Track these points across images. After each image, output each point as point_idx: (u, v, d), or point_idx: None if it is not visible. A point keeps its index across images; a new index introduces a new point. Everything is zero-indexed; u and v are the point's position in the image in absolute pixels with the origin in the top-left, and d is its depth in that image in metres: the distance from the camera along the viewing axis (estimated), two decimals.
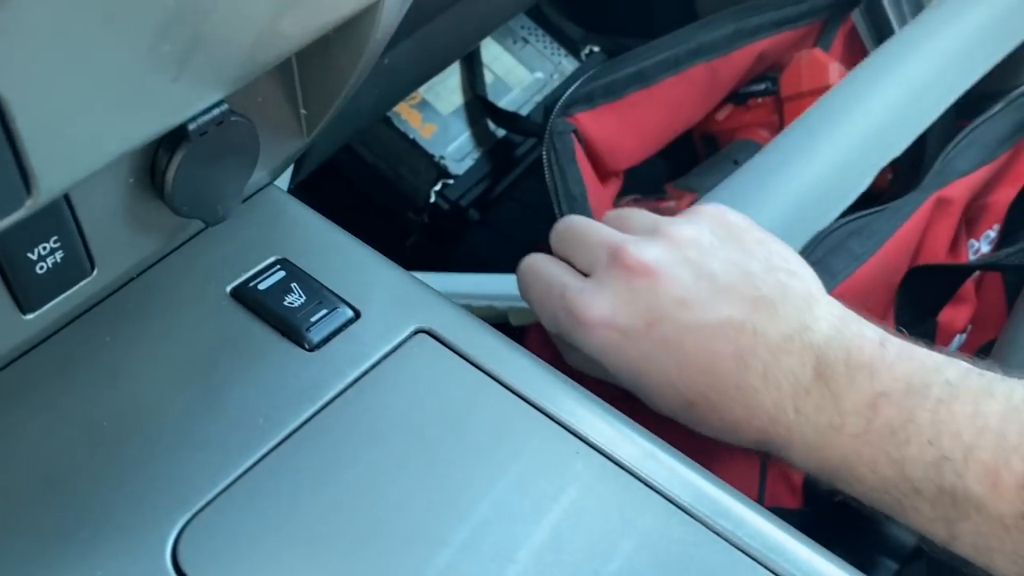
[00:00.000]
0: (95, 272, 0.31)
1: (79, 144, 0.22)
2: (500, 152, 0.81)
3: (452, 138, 0.80)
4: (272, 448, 0.31)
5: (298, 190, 0.79)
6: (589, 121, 0.68)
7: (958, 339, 0.67)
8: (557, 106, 0.66)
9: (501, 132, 0.82)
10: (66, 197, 0.28)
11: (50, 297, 0.30)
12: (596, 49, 0.87)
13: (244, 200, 0.38)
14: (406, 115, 0.80)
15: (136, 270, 0.34)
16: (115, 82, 0.22)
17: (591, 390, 0.35)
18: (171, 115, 0.25)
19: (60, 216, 0.28)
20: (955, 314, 0.66)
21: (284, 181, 0.51)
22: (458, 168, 0.79)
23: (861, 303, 0.60)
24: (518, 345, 0.36)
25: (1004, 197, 0.72)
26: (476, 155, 0.80)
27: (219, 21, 0.24)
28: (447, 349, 0.35)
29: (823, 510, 0.67)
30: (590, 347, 0.40)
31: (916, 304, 0.63)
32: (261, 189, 0.39)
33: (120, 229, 0.31)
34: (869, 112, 0.66)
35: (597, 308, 0.39)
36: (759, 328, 0.37)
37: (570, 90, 0.66)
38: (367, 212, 0.83)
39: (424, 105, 0.80)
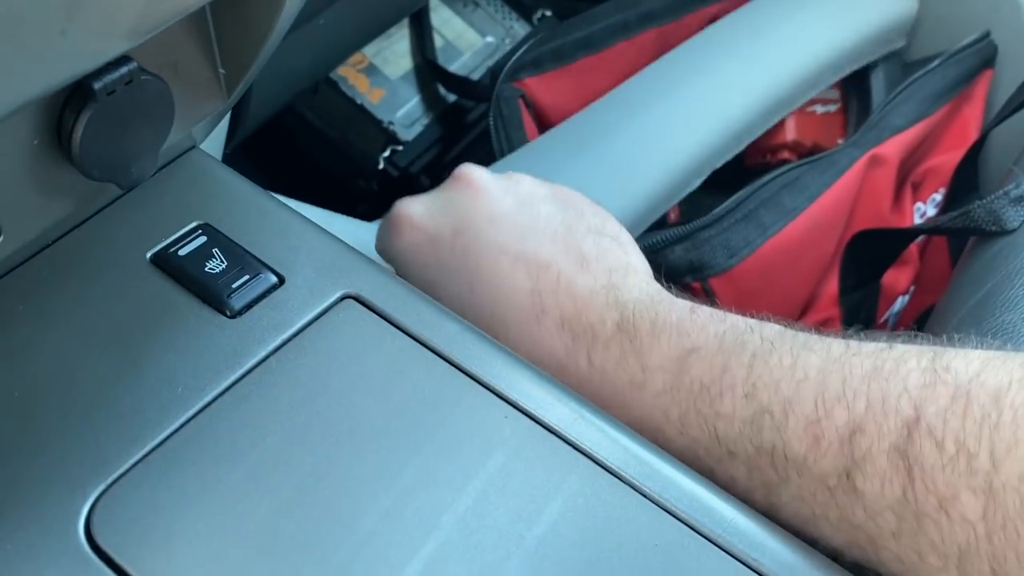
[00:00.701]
0: (1, 237, 0.30)
1: None
2: (451, 117, 0.80)
3: (401, 103, 0.79)
4: (191, 417, 0.30)
5: (246, 155, 0.78)
6: (538, 86, 0.68)
7: (900, 301, 0.68)
8: (504, 71, 0.65)
9: (452, 97, 0.80)
10: None
11: None
12: (548, 13, 0.86)
13: (166, 164, 0.37)
14: (353, 79, 0.78)
15: (49, 236, 0.33)
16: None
17: None
18: (61, 71, 0.24)
19: None
20: (898, 276, 0.67)
21: (218, 144, 0.50)
22: (407, 134, 0.78)
23: (793, 259, 0.61)
24: (448, 310, 0.35)
25: (950, 160, 0.72)
26: (426, 121, 0.79)
27: None
28: (374, 315, 0.34)
29: None
30: (396, 248, 0.39)
31: (860, 267, 0.64)
32: (185, 152, 0.38)
33: (27, 193, 0.30)
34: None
35: (411, 208, 0.39)
36: (565, 274, 0.36)
37: (517, 55, 0.66)
38: (318, 179, 0.81)
39: (372, 69, 0.79)
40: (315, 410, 0.31)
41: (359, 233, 0.51)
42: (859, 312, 0.66)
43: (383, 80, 0.79)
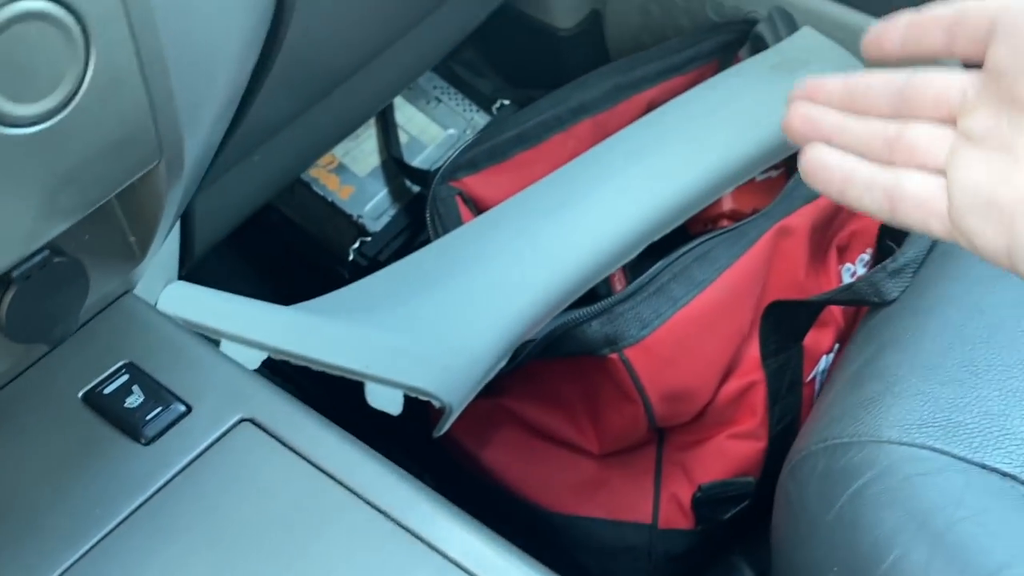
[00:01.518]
0: None
1: None
2: (416, 207, 0.87)
3: (369, 197, 0.86)
4: (105, 535, 0.37)
5: (234, 247, 0.86)
6: (476, 184, 0.74)
7: (825, 360, 0.72)
8: (439, 173, 0.72)
9: (417, 188, 0.88)
10: None
11: None
12: (507, 102, 0.93)
13: (102, 310, 0.44)
14: (324, 179, 0.86)
15: None
16: None
17: None
18: None
19: None
20: (820, 336, 0.71)
21: (171, 272, 0.57)
22: (375, 225, 0.85)
23: (706, 328, 0.66)
24: (341, 431, 0.41)
25: (874, 223, 0.77)
26: (393, 212, 0.86)
27: None
28: (266, 435, 0.41)
29: (713, 530, 0.72)
30: None
31: (779, 333, 0.69)
32: (119, 298, 0.45)
33: None
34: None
35: None
36: None
37: (450, 158, 0.72)
38: (298, 266, 0.89)
39: (341, 168, 0.86)
40: (211, 523, 0.38)
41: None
42: (784, 374, 0.70)
43: (352, 177, 0.86)
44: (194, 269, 0.61)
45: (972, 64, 0.32)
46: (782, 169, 0.84)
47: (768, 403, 0.70)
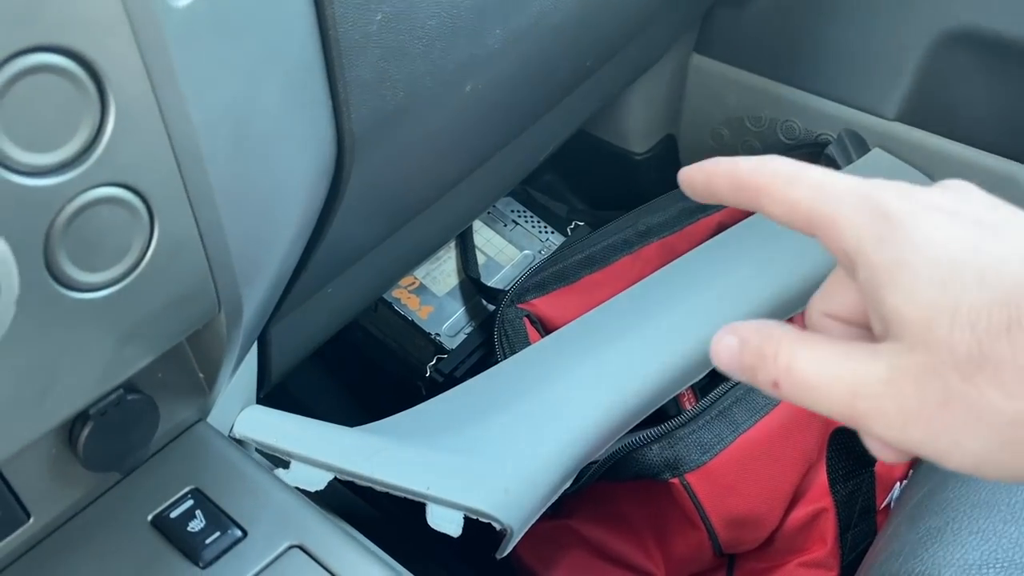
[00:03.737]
0: (31, 520, 0.41)
1: None
2: (492, 325, 0.90)
3: (447, 316, 0.90)
4: None
5: (319, 360, 0.90)
6: (544, 305, 0.77)
7: (899, 487, 0.70)
8: (507, 295, 0.75)
9: (493, 306, 0.91)
10: None
11: None
12: (581, 224, 0.96)
13: (175, 438, 0.48)
14: (405, 300, 0.90)
15: (74, 510, 0.44)
16: None
17: None
18: (41, 426, 0.35)
19: None
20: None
21: (248, 395, 0.61)
22: (452, 343, 0.88)
23: (769, 453, 0.65)
24: (386, 560, 0.44)
25: None
26: (469, 329, 0.89)
27: (67, 365, 0.34)
28: (315, 563, 0.43)
29: None
30: None
31: (848, 459, 0.67)
32: (191, 427, 0.49)
33: (50, 485, 0.41)
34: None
35: None
36: None
37: (519, 281, 0.75)
38: (381, 380, 0.93)
39: (422, 289, 0.91)
40: None
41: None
42: (855, 501, 0.68)
43: (431, 297, 0.90)
44: (279, 380, 0.65)
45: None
46: None
47: (839, 531, 0.68)
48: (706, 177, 0.35)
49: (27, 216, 0.30)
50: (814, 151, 0.87)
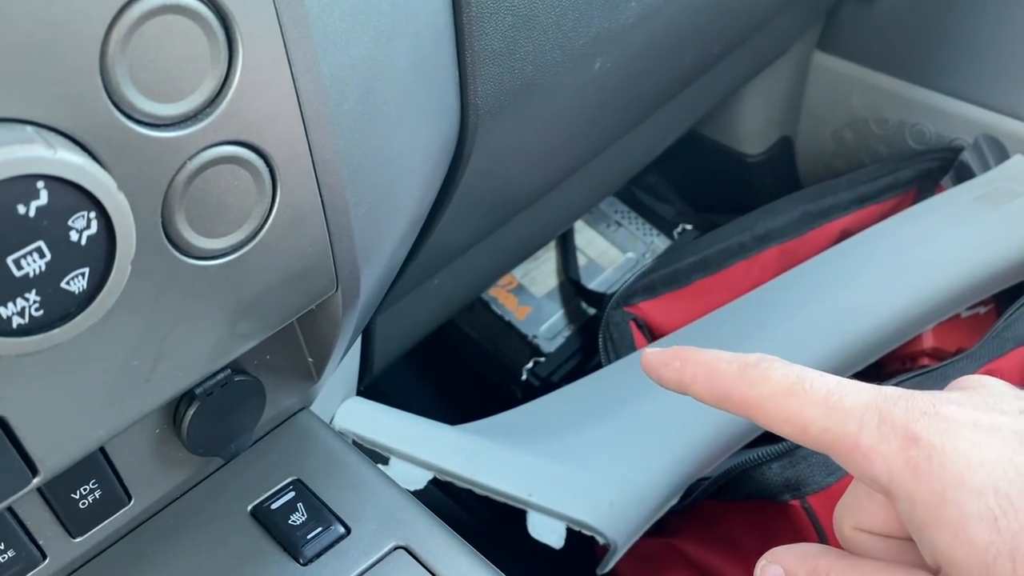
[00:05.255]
0: (132, 502, 0.39)
1: (70, 438, 0.31)
2: (591, 329, 0.87)
3: (545, 318, 0.87)
4: None
5: (414, 359, 0.88)
6: (652, 309, 0.73)
7: None
8: (614, 297, 0.71)
9: (592, 310, 0.87)
10: (102, 450, 0.37)
11: (93, 524, 0.38)
12: (689, 227, 0.92)
13: (277, 426, 0.46)
14: (503, 300, 0.87)
15: (173, 495, 0.42)
16: (95, 392, 0.30)
17: None
18: (148, 404, 0.33)
19: (97, 465, 0.37)
20: None
21: (350, 387, 0.59)
22: (550, 346, 0.85)
23: None
24: (489, 564, 0.40)
25: None
26: (568, 333, 0.86)
27: (177, 338, 0.31)
28: (420, 566, 0.40)
29: None
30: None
31: None
32: (294, 415, 0.46)
33: (152, 468, 0.39)
34: None
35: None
36: None
37: (627, 283, 0.71)
38: (475, 382, 0.90)
39: (520, 290, 0.88)
40: None
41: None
42: None
43: (529, 298, 0.87)
44: (380, 373, 0.63)
45: None
46: (991, 305, 0.78)
47: None
48: (679, 378, 0.32)
49: (147, 170, 0.28)
50: (946, 157, 0.81)
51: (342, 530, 0.41)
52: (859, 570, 0.28)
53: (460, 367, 0.91)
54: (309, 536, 0.41)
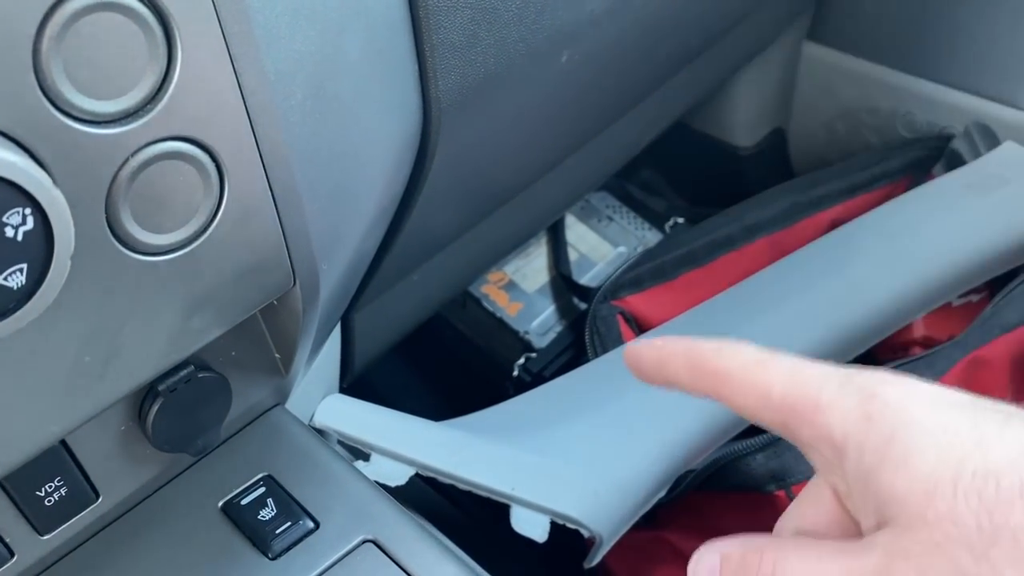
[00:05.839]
0: (100, 499, 0.39)
1: (22, 434, 0.31)
2: (583, 324, 0.86)
3: (536, 314, 0.86)
4: None
5: (404, 355, 0.88)
6: (640, 303, 0.73)
7: None
8: (600, 291, 0.71)
9: (584, 305, 0.87)
10: (65, 446, 0.37)
11: (61, 522, 0.38)
12: (681, 220, 0.92)
13: (251, 422, 0.46)
14: (494, 296, 0.87)
15: (144, 492, 0.42)
16: (46, 387, 0.30)
17: None
18: (104, 399, 0.33)
19: (61, 462, 0.37)
20: None
21: (331, 384, 0.59)
22: (542, 341, 0.85)
23: None
24: (462, 559, 0.40)
25: None
26: (559, 328, 0.86)
27: (130, 334, 0.32)
28: (388, 559, 0.40)
29: None
30: None
31: None
32: (268, 411, 0.47)
33: (119, 465, 0.39)
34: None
35: None
36: None
37: (613, 276, 0.71)
38: (467, 378, 0.90)
39: (511, 286, 0.88)
40: None
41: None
42: None
43: (521, 294, 0.87)
44: (363, 374, 0.63)
45: None
46: (984, 293, 0.77)
47: None
48: (659, 356, 0.32)
49: (87, 167, 0.28)
50: (937, 145, 0.81)
51: (311, 525, 0.41)
52: (797, 542, 0.28)
53: (452, 364, 0.91)
54: (278, 531, 0.41)
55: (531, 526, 0.58)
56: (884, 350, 0.75)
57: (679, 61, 0.63)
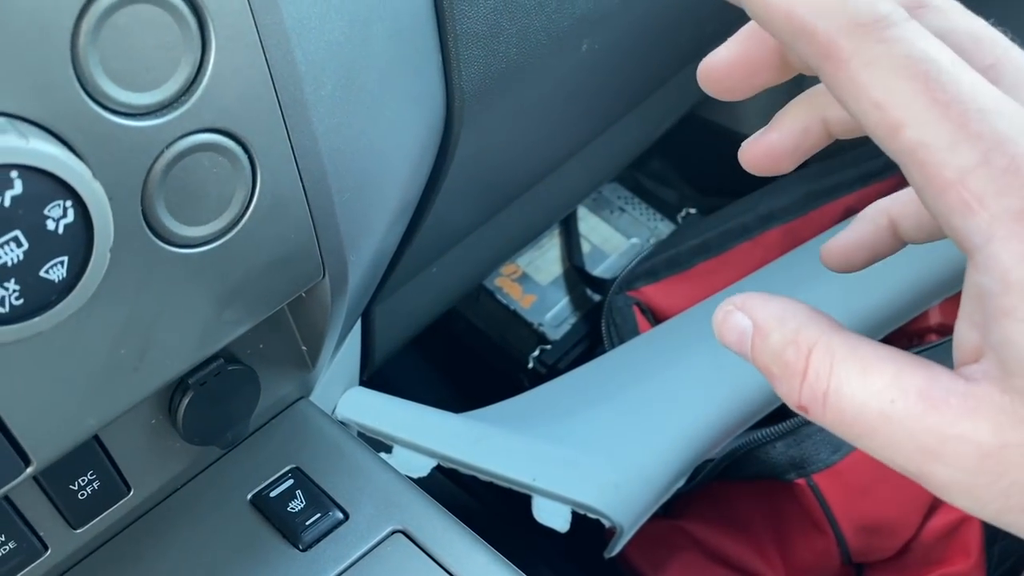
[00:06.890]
0: (131, 492, 0.39)
1: (61, 427, 0.31)
2: (597, 315, 0.87)
3: (550, 306, 0.86)
4: None
5: (419, 349, 0.88)
6: (655, 294, 0.73)
7: None
8: (616, 283, 0.71)
9: (598, 296, 0.87)
10: (98, 440, 0.37)
11: (93, 515, 0.38)
12: (693, 211, 0.92)
13: (277, 415, 0.46)
14: (508, 289, 0.87)
15: (174, 485, 0.42)
16: (83, 381, 0.31)
17: None
18: (138, 392, 0.33)
19: (94, 456, 0.37)
20: None
21: (351, 377, 0.59)
22: (556, 333, 0.85)
23: None
24: (491, 550, 0.40)
25: None
26: (573, 320, 0.86)
27: (164, 327, 0.32)
28: (418, 549, 0.40)
29: None
30: None
31: None
32: (294, 403, 0.47)
33: (150, 458, 0.40)
34: None
35: None
36: None
37: (628, 267, 0.71)
38: (482, 371, 0.90)
39: (525, 278, 0.88)
40: None
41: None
42: None
43: (534, 287, 0.87)
44: (379, 368, 0.63)
45: None
46: None
47: (984, 543, 0.61)
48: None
49: (124, 160, 0.28)
50: None
51: (340, 516, 0.41)
52: (854, 349, 0.23)
53: (467, 357, 0.91)
54: (308, 522, 0.41)
55: (553, 516, 0.58)
56: (899, 337, 0.75)
57: (697, 49, 0.63)
